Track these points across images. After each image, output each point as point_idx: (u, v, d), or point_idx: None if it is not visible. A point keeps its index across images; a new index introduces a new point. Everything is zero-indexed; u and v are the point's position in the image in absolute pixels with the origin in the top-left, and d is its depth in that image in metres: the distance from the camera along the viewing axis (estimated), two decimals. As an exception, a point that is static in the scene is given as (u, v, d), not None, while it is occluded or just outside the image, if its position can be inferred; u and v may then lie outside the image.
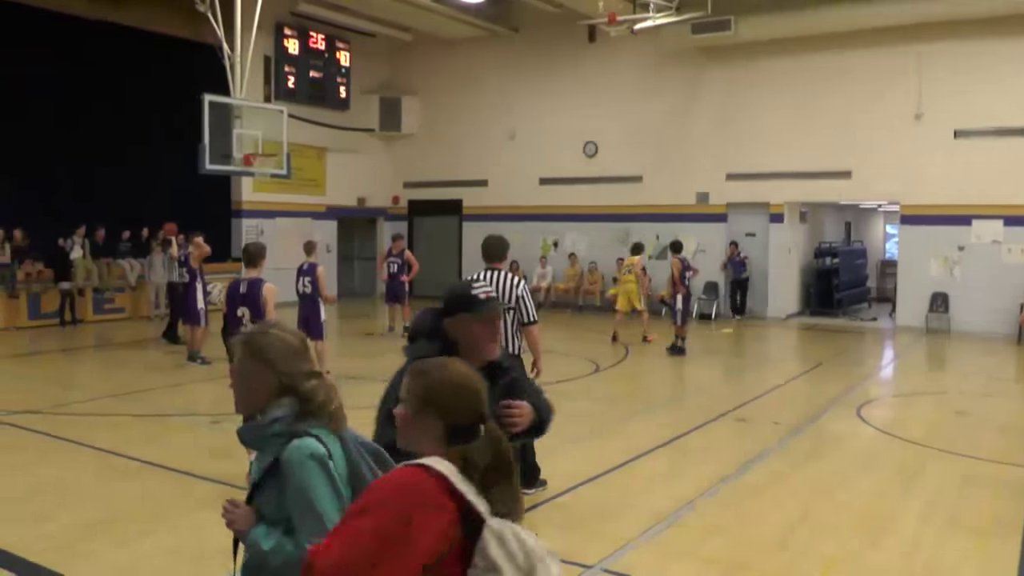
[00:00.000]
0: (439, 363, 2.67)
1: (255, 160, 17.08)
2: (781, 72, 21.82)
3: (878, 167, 20.78)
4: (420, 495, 2.36)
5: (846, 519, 7.12)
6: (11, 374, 14.84)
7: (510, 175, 25.82)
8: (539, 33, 24.81)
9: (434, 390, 2.56)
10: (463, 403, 2.55)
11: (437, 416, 2.52)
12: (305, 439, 2.79)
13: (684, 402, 12.86)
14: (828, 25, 20.39)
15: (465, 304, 3.67)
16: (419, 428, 2.55)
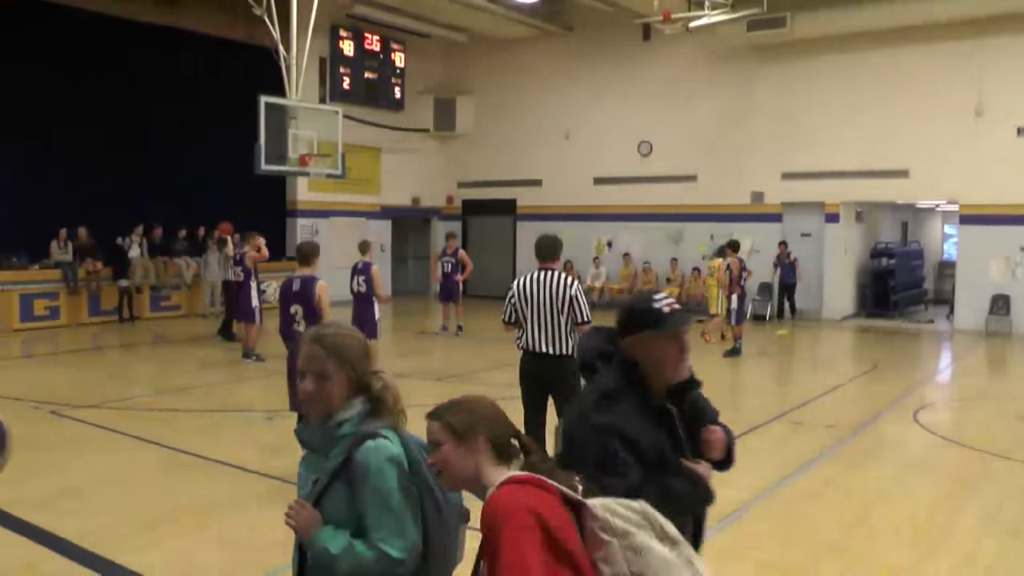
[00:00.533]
0: (460, 398, 2.68)
1: (310, 160, 17.23)
2: (837, 69, 21.55)
3: (936, 166, 20.44)
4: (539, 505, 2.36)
5: (903, 526, 7.02)
6: (72, 369, 15.15)
7: (564, 175, 25.80)
8: (593, 32, 24.76)
9: (470, 414, 2.59)
10: (503, 420, 2.61)
11: (482, 436, 2.55)
12: (380, 441, 2.79)
13: (739, 404, 12.75)
14: (885, 21, 20.11)
15: (648, 319, 3.18)
16: (467, 456, 2.56)
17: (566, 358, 7.37)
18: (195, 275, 21.77)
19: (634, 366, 3.14)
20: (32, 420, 10.26)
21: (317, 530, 2.77)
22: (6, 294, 18.73)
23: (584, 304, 7.36)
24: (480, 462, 2.54)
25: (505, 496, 2.39)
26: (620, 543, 2.38)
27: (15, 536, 6.62)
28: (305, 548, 2.85)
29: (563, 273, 7.45)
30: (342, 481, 2.79)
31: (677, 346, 3.17)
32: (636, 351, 3.15)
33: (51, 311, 19.45)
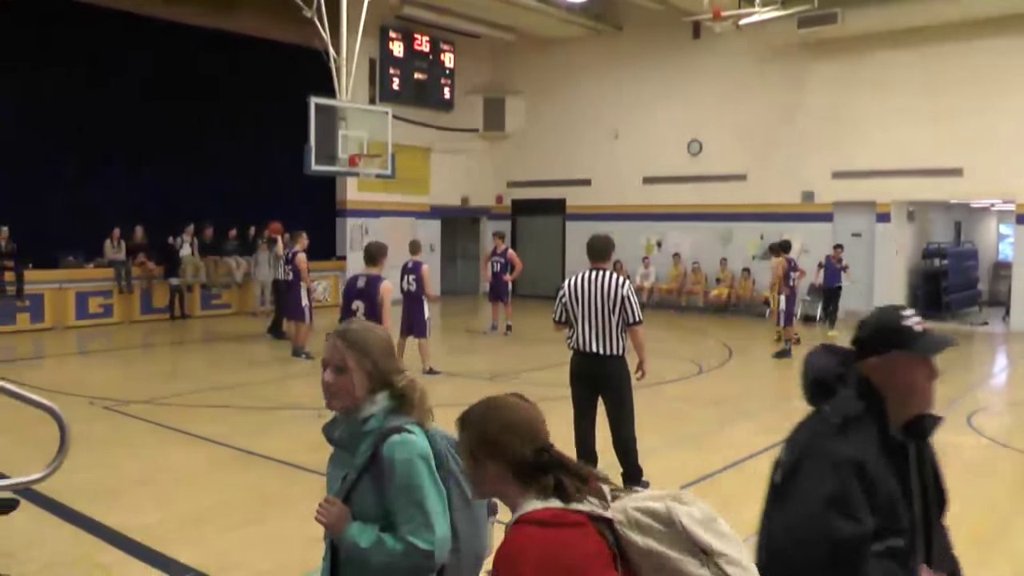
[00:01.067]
0: (483, 404, 2.50)
1: (360, 161, 17.33)
2: (889, 66, 21.25)
3: (992, 164, 20.05)
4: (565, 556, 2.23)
5: (956, 531, 6.87)
6: (125, 365, 15.41)
7: (613, 174, 25.75)
8: (643, 31, 24.69)
9: (490, 436, 2.42)
10: (522, 439, 2.40)
11: (502, 461, 2.40)
12: (405, 435, 2.82)
13: (788, 406, 12.60)
14: (938, 16, 19.84)
15: (899, 339, 2.78)
16: (491, 476, 2.43)
17: (616, 358, 7.36)
18: (245, 274, 21.99)
19: (878, 391, 2.74)
20: (87, 415, 10.42)
21: (347, 526, 2.82)
22: (62, 292, 19.06)
23: (636, 304, 7.34)
24: (501, 483, 2.42)
25: (521, 543, 2.27)
26: (643, 562, 2.27)
27: (70, 527, 6.74)
28: (336, 544, 2.90)
29: (615, 273, 7.44)
30: (370, 476, 2.84)
31: (927, 371, 2.82)
32: (879, 374, 2.75)
33: (105, 309, 19.77)
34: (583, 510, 2.29)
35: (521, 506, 2.36)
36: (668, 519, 2.25)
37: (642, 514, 2.27)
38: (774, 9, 19.50)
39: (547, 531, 2.25)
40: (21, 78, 18.82)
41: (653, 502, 2.29)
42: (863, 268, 21.97)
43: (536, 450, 2.39)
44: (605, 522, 2.29)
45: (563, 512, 2.29)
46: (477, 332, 19.32)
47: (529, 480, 2.37)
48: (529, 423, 2.44)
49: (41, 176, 19.37)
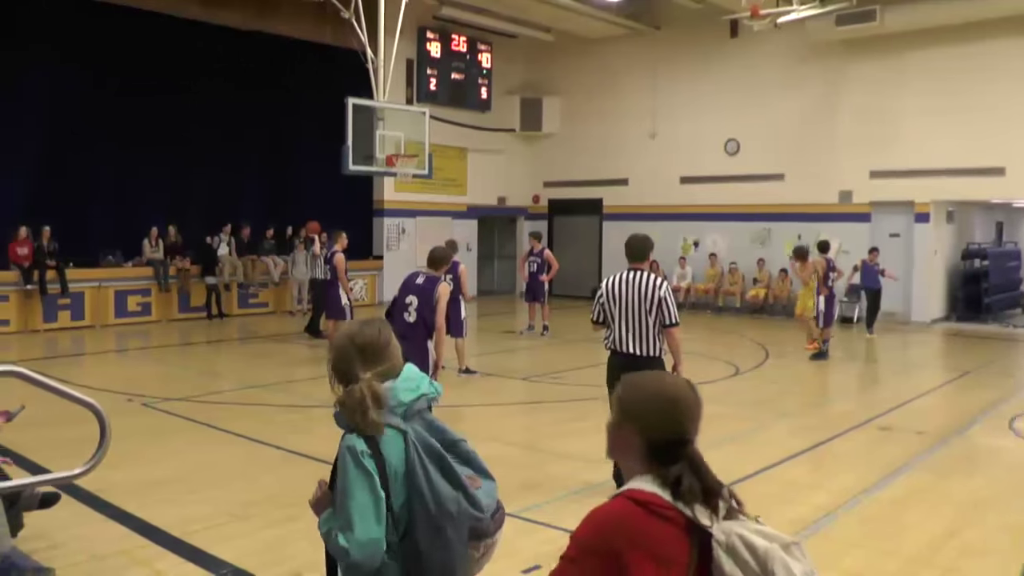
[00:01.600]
0: (653, 375, 2.53)
1: (397, 161, 17.40)
2: (929, 63, 21.01)
3: (1035, 164, 19.78)
4: (627, 532, 2.24)
5: (997, 540, 6.83)
6: (163, 363, 15.54)
7: (650, 174, 25.67)
8: (681, 30, 24.61)
9: (637, 401, 2.42)
10: (664, 419, 2.37)
11: (635, 429, 2.38)
12: (352, 434, 2.90)
13: (825, 408, 12.56)
14: (979, 13, 19.57)
15: None
16: (621, 440, 2.43)
17: (654, 359, 7.33)
18: (282, 273, 22.14)
19: None
20: (125, 411, 10.53)
21: (323, 509, 3.00)
22: (102, 291, 19.29)
23: (673, 306, 7.32)
24: (630, 453, 2.40)
25: (603, 512, 2.30)
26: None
27: (110, 522, 6.82)
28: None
29: (652, 274, 7.42)
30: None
31: None
32: None
33: (143, 307, 20.00)
34: (685, 513, 2.26)
35: (633, 480, 2.36)
36: (763, 561, 2.22)
37: (742, 544, 2.24)
38: (813, 7, 19.35)
39: (637, 510, 2.26)
40: (62, 79, 19.06)
41: (759, 538, 2.26)
42: (901, 269, 21.68)
43: (675, 439, 2.37)
44: (703, 534, 2.26)
45: (662, 502, 2.27)
46: (514, 332, 19.32)
47: (655, 463, 2.35)
48: (680, 408, 2.42)
49: (82, 176, 19.62)
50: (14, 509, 5.70)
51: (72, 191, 19.53)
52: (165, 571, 5.91)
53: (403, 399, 2.96)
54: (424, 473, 2.88)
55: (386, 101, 17.67)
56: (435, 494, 2.85)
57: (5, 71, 18.33)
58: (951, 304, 22.95)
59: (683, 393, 2.43)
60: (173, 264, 20.37)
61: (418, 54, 24.65)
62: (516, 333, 19.15)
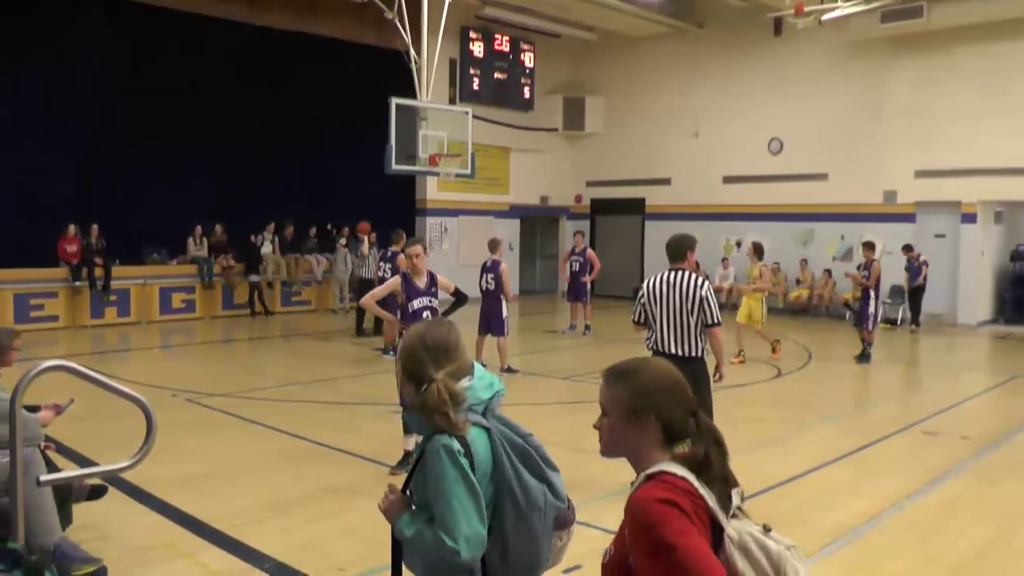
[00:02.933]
0: (637, 361, 2.53)
1: (440, 160, 17.46)
2: (977, 60, 20.66)
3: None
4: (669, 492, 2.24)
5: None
6: (206, 359, 15.72)
7: (693, 173, 25.56)
8: (724, 28, 24.48)
9: (644, 390, 2.42)
10: (674, 399, 2.43)
11: (652, 416, 2.40)
12: (445, 434, 2.90)
13: (868, 412, 12.44)
14: (1029, 8, 19.25)
15: None
16: (632, 435, 2.43)
17: (696, 359, 7.31)
18: (325, 271, 22.29)
19: None
20: (170, 407, 10.67)
21: (399, 514, 2.95)
22: (148, 288, 19.54)
23: (715, 306, 7.30)
24: (646, 442, 2.41)
25: (651, 491, 2.27)
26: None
27: (155, 515, 6.93)
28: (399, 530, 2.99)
29: (694, 274, 7.40)
30: (421, 469, 2.95)
31: None
32: None
33: (187, 304, 20.24)
34: (708, 502, 2.29)
35: (659, 465, 2.35)
36: (776, 563, 2.27)
37: (755, 543, 2.28)
38: (857, 4, 19.18)
39: (679, 495, 2.25)
40: (110, 80, 19.32)
41: (769, 540, 2.31)
42: (947, 271, 21.48)
43: (689, 412, 2.42)
44: (717, 527, 2.29)
45: (694, 489, 2.29)
46: (556, 332, 19.31)
47: (674, 444, 2.38)
48: (681, 384, 2.48)
49: (129, 176, 19.87)
50: (66, 505, 5.80)
51: (119, 190, 19.80)
52: (208, 563, 5.99)
53: (482, 396, 3.02)
54: (512, 468, 2.94)
55: (429, 101, 17.73)
56: (524, 487, 2.91)
57: (54, 72, 18.65)
58: (999, 306, 22.60)
59: (673, 369, 2.51)
60: (217, 262, 20.58)
61: (461, 54, 24.71)
62: (558, 332, 19.15)
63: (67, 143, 19.06)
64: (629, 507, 2.30)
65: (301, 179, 22.89)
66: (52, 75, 18.67)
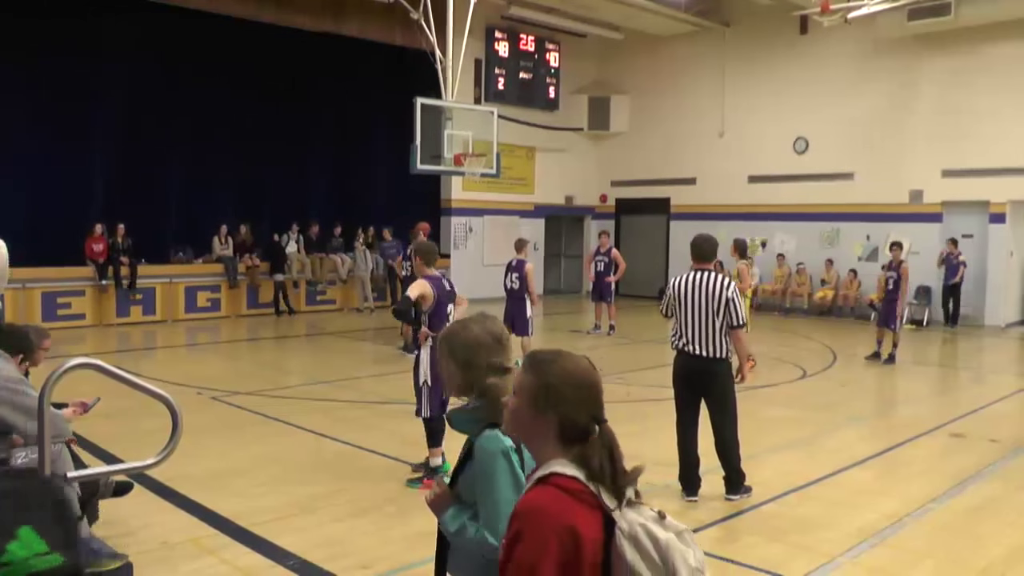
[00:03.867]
0: (558, 354, 2.53)
1: (465, 160, 17.47)
2: (1005, 59, 20.50)
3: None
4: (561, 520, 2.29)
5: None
6: (231, 358, 15.80)
7: (719, 173, 25.47)
8: (750, 27, 24.39)
9: (551, 384, 2.43)
10: (579, 399, 2.43)
11: (552, 411, 2.42)
12: (496, 431, 2.92)
13: (894, 413, 12.36)
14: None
15: None
16: (532, 422, 2.46)
17: (721, 360, 7.30)
18: (350, 271, 22.35)
19: None
20: (195, 404, 10.73)
21: (446, 508, 2.98)
22: (173, 286, 19.65)
23: (740, 307, 7.28)
24: (542, 435, 2.44)
25: (542, 506, 2.33)
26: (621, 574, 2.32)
27: (180, 512, 6.96)
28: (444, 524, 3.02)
29: (720, 274, 7.38)
30: (470, 464, 2.98)
31: None
32: None
33: (212, 303, 20.33)
34: (599, 497, 2.35)
35: (552, 465, 2.40)
36: (664, 551, 2.31)
37: (645, 534, 2.32)
38: (884, 2, 19.07)
39: (565, 499, 2.32)
40: (138, 81, 19.46)
41: (658, 527, 2.35)
42: (975, 271, 21.30)
43: (592, 417, 2.43)
44: (609, 520, 2.34)
45: (587, 490, 2.34)
46: (580, 332, 19.28)
47: (571, 444, 2.41)
48: (594, 388, 2.48)
49: (155, 176, 20.06)
50: (93, 501, 5.85)
51: (145, 189, 19.95)
52: (232, 560, 6.01)
53: None
54: None
55: (454, 101, 17.76)
56: None
57: (82, 73, 18.78)
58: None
59: (593, 372, 2.51)
60: (242, 261, 20.68)
61: (486, 54, 24.73)
62: (583, 332, 19.11)
63: (93, 143, 19.25)
64: (515, 511, 2.38)
65: (326, 179, 22.96)
66: (79, 75, 18.79)
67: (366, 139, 22.74)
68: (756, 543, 6.61)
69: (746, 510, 7.33)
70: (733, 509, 7.34)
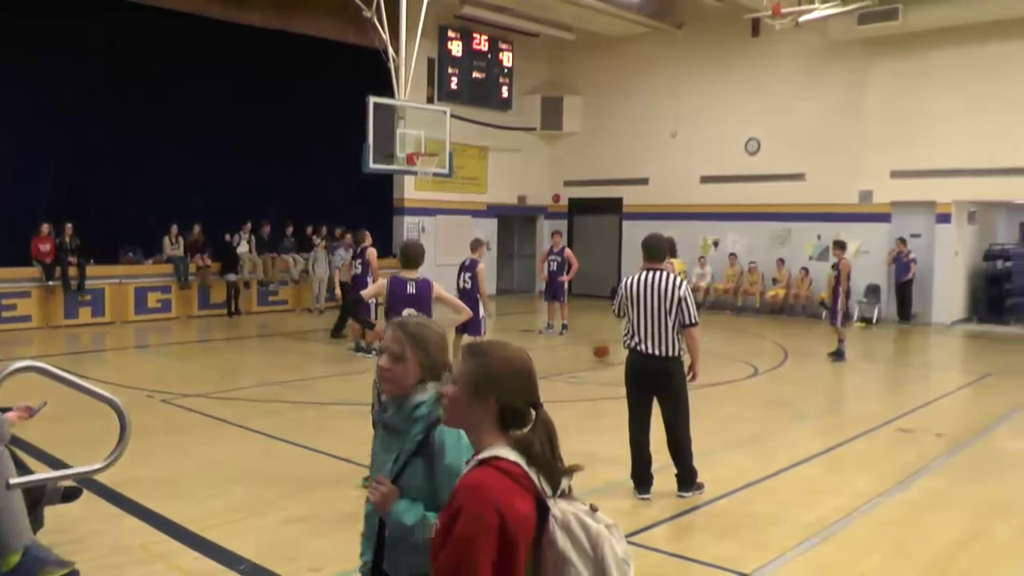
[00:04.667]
0: (495, 344, 2.65)
1: (418, 159, 17.44)
2: (951, 63, 20.84)
3: (1059, 163, 19.56)
4: (503, 502, 2.36)
5: (1017, 545, 6.78)
6: (182, 359, 15.62)
7: (671, 173, 25.62)
8: (702, 29, 24.56)
9: (491, 371, 2.55)
10: (517, 385, 2.55)
11: (493, 397, 2.52)
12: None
13: (844, 410, 12.51)
14: (1002, 11, 19.40)
15: None
16: (472, 409, 2.55)
17: (673, 359, 7.34)
18: (302, 271, 22.21)
19: None
20: (144, 407, 10.60)
21: (395, 503, 2.98)
22: (123, 287, 19.41)
23: (692, 306, 7.33)
24: (482, 421, 2.54)
25: (483, 483, 2.41)
26: (551, 561, 2.39)
27: (129, 517, 6.87)
28: (384, 520, 3.04)
29: (672, 274, 7.42)
30: (421, 458, 3.01)
31: None
32: None
33: (163, 304, 20.10)
34: (536, 483, 2.43)
35: (493, 449, 2.48)
36: (595, 540, 2.39)
37: (577, 522, 2.40)
38: (834, 6, 19.31)
39: (507, 482, 2.40)
40: (84, 79, 19.15)
41: (590, 519, 2.42)
42: (922, 270, 21.66)
43: (529, 403, 2.54)
44: (544, 507, 2.42)
45: (525, 473, 2.42)
46: (533, 331, 19.30)
47: (509, 429, 2.50)
48: (530, 374, 2.61)
49: (103, 175, 19.75)
50: (38, 508, 5.75)
51: (94, 189, 19.66)
52: (183, 565, 5.95)
53: None
54: None
55: (407, 100, 17.75)
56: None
57: (28, 71, 18.47)
58: (972, 306, 22.78)
59: (528, 360, 2.63)
60: (193, 261, 20.47)
61: (439, 53, 24.68)
62: (535, 332, 19.13)
63: (39, 140, 18.91)
64: (455, 489, 2.46)
65: (278, 178, 22.78)
66: (26, 74, 18.49)
67: (318, 138, 22.60)
68: (708, 539, 6.67)
69: (698, 507, 7.39)
70: (686, 506, 7.39)
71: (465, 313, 8.39)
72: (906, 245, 21.39)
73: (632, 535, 6.47)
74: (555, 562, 2.37)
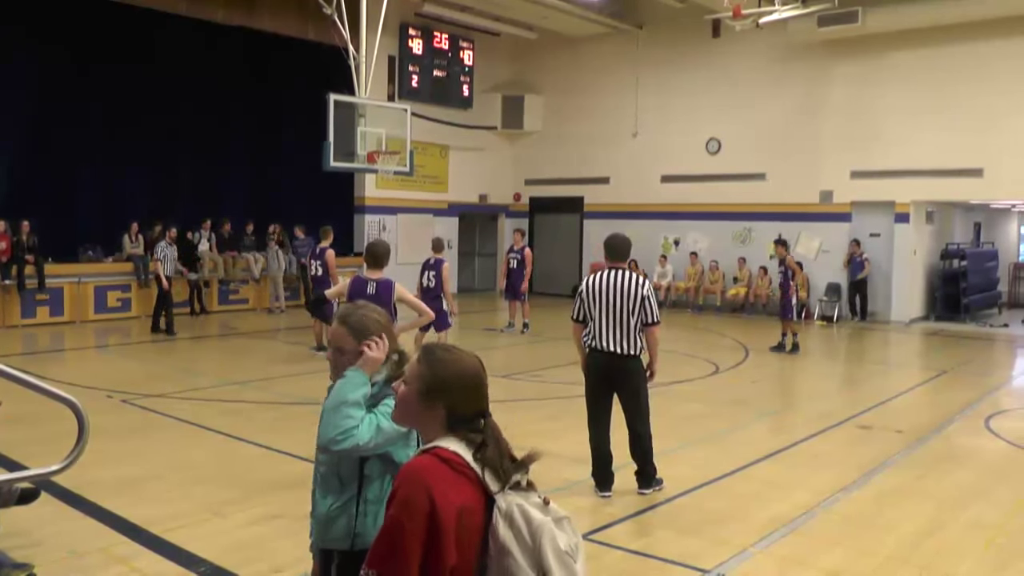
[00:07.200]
0: (451, 351, 2.69)
1: (379, 157, 17.38)
2: (911, 65, 21.09)
3: (1013, 165, 19.79)
4: (439, 487, 2.40)
5: (975, 537, 6.87)
6: (142, 359, 15.44)
7: (632, 172, 25.71)
8: (663, 29, 24.67)
9: (441, 379, 2.58)
10: (466, 396, 2.60)
11: (441, 404, 2.57)
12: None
13: (804, 406, 12.61)
14: (960, 15, 19.65)
15: None
16: (420, 411, 2.60)
17: (633, 358, 7.37)
18: (263, 270, 22.07)
19: None
20: (104, 408, 10.50)
21: (372, 371, 3.29)
22: (82, 286, 19.16)
23: (655, 304, 7.37)
24: (430, 424, 2.58)
25: (420, 468, 2.45)
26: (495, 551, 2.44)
27: (88, 519, 6.79)
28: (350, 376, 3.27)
29: (635, 273, 7.45)
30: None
31: None
32: None
33: (123, 303, 19.87)
34: (479, 474, 2.46)
35: (437, 441, 2.53)
36: (535, 531, 2.42)
37: (520, 513, 2.44)
38: (795, 8, 19.44)
39: (444, 469, 2.44)
40: (44, 73, 18.94)
41: (536, 511, 2.45)
42: (881, 270, 21.92)
43: (477, 412, 2.59)
44: (490, 499, 2.46)
45: (465, 463, 2.47)
46: (494, 330, 19.31)
47: (455, 431, 2.54)
48: (482, 386, 2.66)
49: (62, 172, 19.51)
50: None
51: (52, 186, 19.41)
52: (143, 568, 5.89)
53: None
54: None
55: (368, 98, 17.66)
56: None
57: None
58: (930, 304, 23.06)
59: (481, 370, 2.68)
60: (153, 260, 20.23)
61: (400, 51, 24.59)
62: (497, 331, 19.14)
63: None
64: (397, 475, 2.51)
65: (239, 176, 22.62)
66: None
67: (279, 136, 22.48)
68: (670, 536, 6.70)
69: (659, 504, 7.42)
70: (646, 503, 7.42)
71: (427, 316, 8.38)
72: (860, 246, 21.68)
73: (594, 533, 6.51)
74: (497, 552, 2.42)
